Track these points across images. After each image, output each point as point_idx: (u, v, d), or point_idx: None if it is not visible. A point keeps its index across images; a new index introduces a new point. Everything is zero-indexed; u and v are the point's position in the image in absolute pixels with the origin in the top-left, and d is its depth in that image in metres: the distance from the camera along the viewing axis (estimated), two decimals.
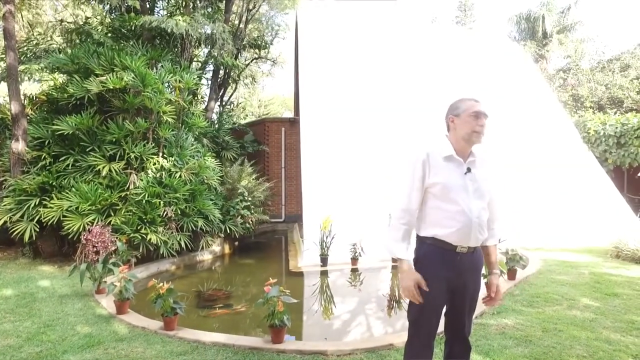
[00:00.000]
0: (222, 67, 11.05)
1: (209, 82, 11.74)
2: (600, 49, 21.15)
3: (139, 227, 6.11)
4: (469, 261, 2.15)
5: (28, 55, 9.49)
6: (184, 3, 10.06)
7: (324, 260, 6.62)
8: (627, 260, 6.34)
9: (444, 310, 2.26)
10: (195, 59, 11.55)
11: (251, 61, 14.09)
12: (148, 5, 10.59)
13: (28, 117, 7.34)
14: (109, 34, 8.98)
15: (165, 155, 7.04)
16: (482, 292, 2.33)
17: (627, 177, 11.48)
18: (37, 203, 6.12)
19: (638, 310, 4.05)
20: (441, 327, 2.29)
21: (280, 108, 28.78)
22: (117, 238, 5.59)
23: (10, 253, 6.87)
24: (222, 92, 12.47)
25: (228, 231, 7.75)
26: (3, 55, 7.81)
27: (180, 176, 6.88)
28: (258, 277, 6.36)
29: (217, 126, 10.62)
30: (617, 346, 3.24)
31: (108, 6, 9.21)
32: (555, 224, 8.25)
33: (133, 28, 8.77)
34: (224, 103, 13.24)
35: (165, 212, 6.37)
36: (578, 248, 7.44)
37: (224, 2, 11.05)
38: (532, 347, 3.26)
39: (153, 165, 6.74)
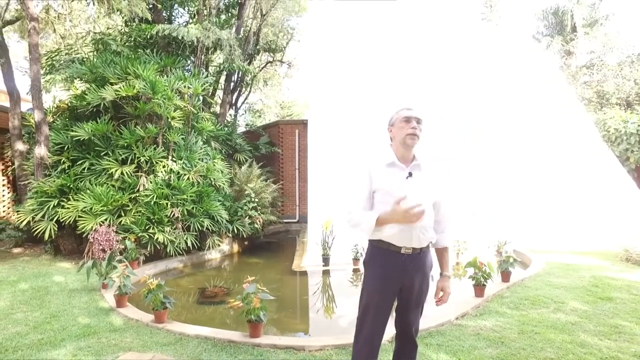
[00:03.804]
0: (234, 72, 11.39)
1: (222, 86, 12.11)
2: (630, 42, 20.11)
3: (147, 227, 6.47)
4: (416, 261, 2.24)
5: (56, 66, 10.14)
6: (197, 11, 10.46)
7: (325, 260, 6.77)
8: (637, 264, 6.12)
9: (395, 306, 2.36)
10: (211, 64, 11.97)
11: (265, 65, 14.40)
12: (166, 15, 11.13)
13: (53, 123, 7.90)
14: (127, 44, 9.49)
15: (174, 159, 7.39)
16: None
17: None
18: (56, 204, 6.60)
19: (627, 315, 3.96)
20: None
21: (304, 109, 29.10)
22: (126, 237, 5.98)
23: (36, 250, 7.43)
24: (236, 95, 12.83)
25: (236, 231, 8.02)
26: None
27: (188, 178, 7.21)
28: (262, 275, 6.56)
29: (229, 129, 10.95)
30: (589, 349, 3.21)
31: (127, 17, 9.71)
32: (573, 226, 8.03)
33: (149, 37, 9.25)
34: (238, 106, 13.61)
35: (173, 213, 6.70)
36: (592, 251, 7.24)
37: (238, 9, 11.42)
38: (502, 348, 3.28)
39: (162, 168, 7.10)
